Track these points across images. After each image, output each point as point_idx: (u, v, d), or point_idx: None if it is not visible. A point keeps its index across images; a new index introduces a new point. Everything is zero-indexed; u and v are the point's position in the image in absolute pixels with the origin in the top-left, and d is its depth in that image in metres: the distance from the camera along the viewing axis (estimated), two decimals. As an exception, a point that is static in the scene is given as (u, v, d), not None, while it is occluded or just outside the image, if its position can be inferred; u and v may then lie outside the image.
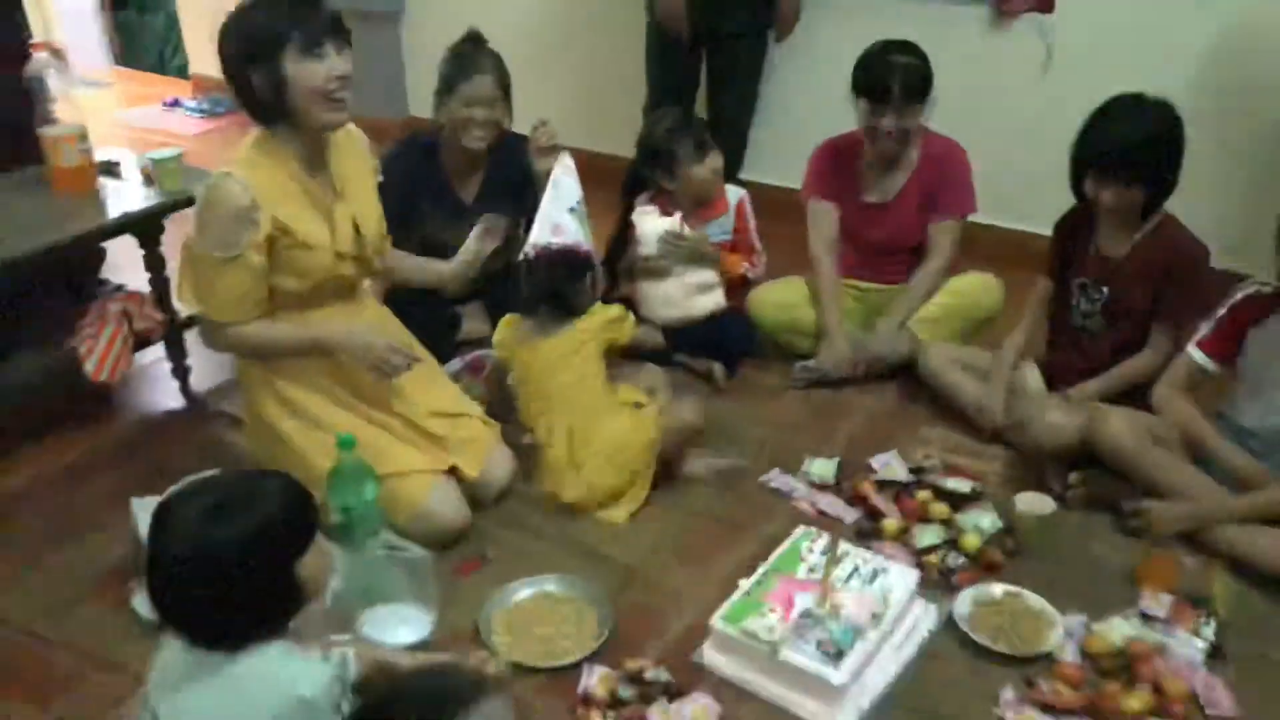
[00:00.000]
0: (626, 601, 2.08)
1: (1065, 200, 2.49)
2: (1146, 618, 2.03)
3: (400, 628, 1.97)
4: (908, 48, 2.69)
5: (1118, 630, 1.99)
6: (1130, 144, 2.28)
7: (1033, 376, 2.58)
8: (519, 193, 2.71)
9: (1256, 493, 2.17)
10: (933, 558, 2.17)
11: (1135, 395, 2.42)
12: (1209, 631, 2.00)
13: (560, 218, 2.40)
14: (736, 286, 2.92)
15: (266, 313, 2.11)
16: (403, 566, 2.00)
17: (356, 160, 2.25)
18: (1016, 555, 2.20)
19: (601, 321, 2.39)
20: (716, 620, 1.90)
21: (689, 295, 2.84)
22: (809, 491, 2.40)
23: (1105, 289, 2.47)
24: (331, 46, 1.99)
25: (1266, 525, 2.15)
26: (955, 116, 2.94)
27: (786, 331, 2.90)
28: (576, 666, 1.89)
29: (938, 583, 2.11)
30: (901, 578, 2.01)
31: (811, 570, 2.01)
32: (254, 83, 1.99)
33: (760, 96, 3.55)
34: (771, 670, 1.85)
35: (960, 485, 2.36)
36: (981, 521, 2.27)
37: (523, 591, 2.07)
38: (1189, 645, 1.97)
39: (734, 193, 2.92)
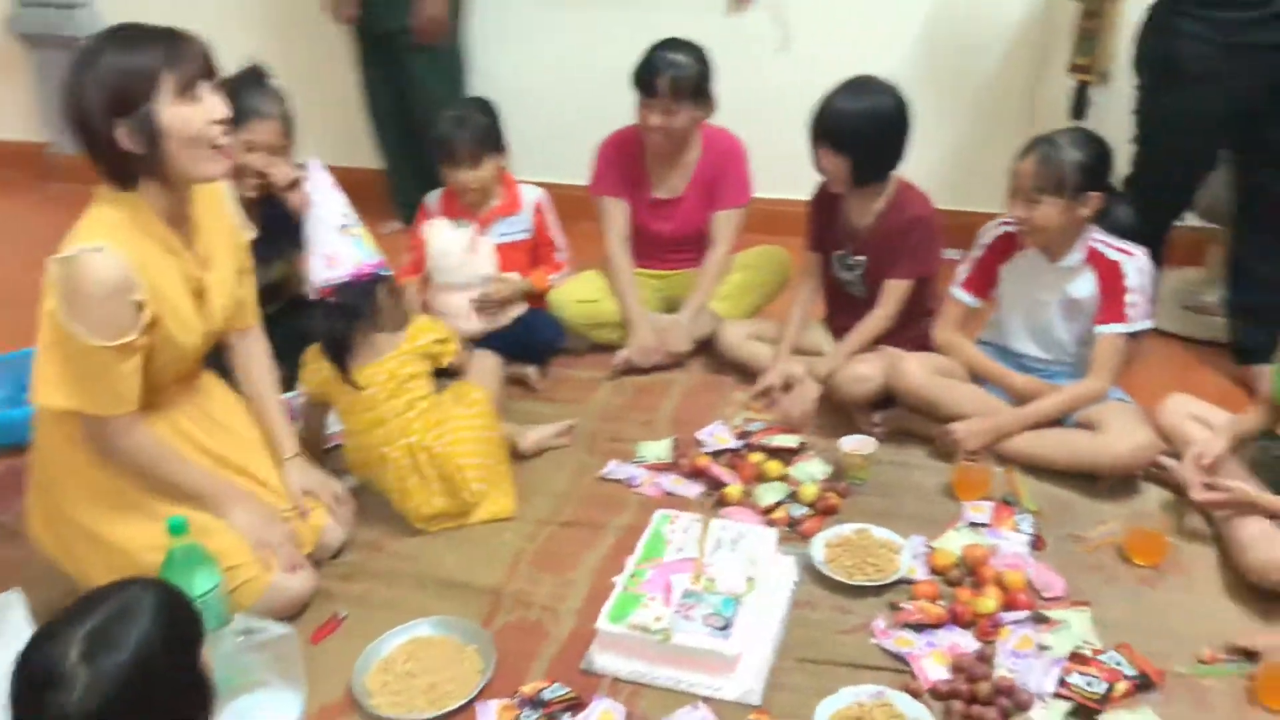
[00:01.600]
0: (500, 625, 2.05)
1: (807, 173, 2.66)
2: (974, 525, 2.24)
3: (268, 715, 1.84)
4: (684, 47, 2.78)
5: (953, 542, 2.18)
6: (841, 115, 2.48)
7: (822, 338, 2.79)
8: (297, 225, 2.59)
9: (1038, 401, 2.42)
10: (779, 513, 2.30)
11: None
12: (1026, 526, 2.23)
13: (331, 244, 2.23)
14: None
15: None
16: (264, 649, 1.86)
17: (218, 218, 2.04)
18: (849, 495, 2.36)
19: (425, 344, 2.34)
20: (603, 622, 1.93)
21: (490, 313, 2.84)
22: (649, 475, 2.46)
23: (860, 257, 2.67)
24: (207, 86, 1.80)
25: (1049, 428, 2.41)
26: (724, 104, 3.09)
27: (592, 326, 2.95)
28: (468, 707, 1.85)
29: (789, 535, 2.23)
30: (760, 538, 2.10)
31: (679, 550, 2.07)
32: (121, 138, 1.75)
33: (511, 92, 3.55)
34: (665, 657, 1.89)
35: (787, 440, 2.50)
36: (813, 470, 2.42)
37: (390, 643, 1.99)
38: (1014, 541, 2.19)
39: (530, 191, 2.93)
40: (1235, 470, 2.20)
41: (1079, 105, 3.07)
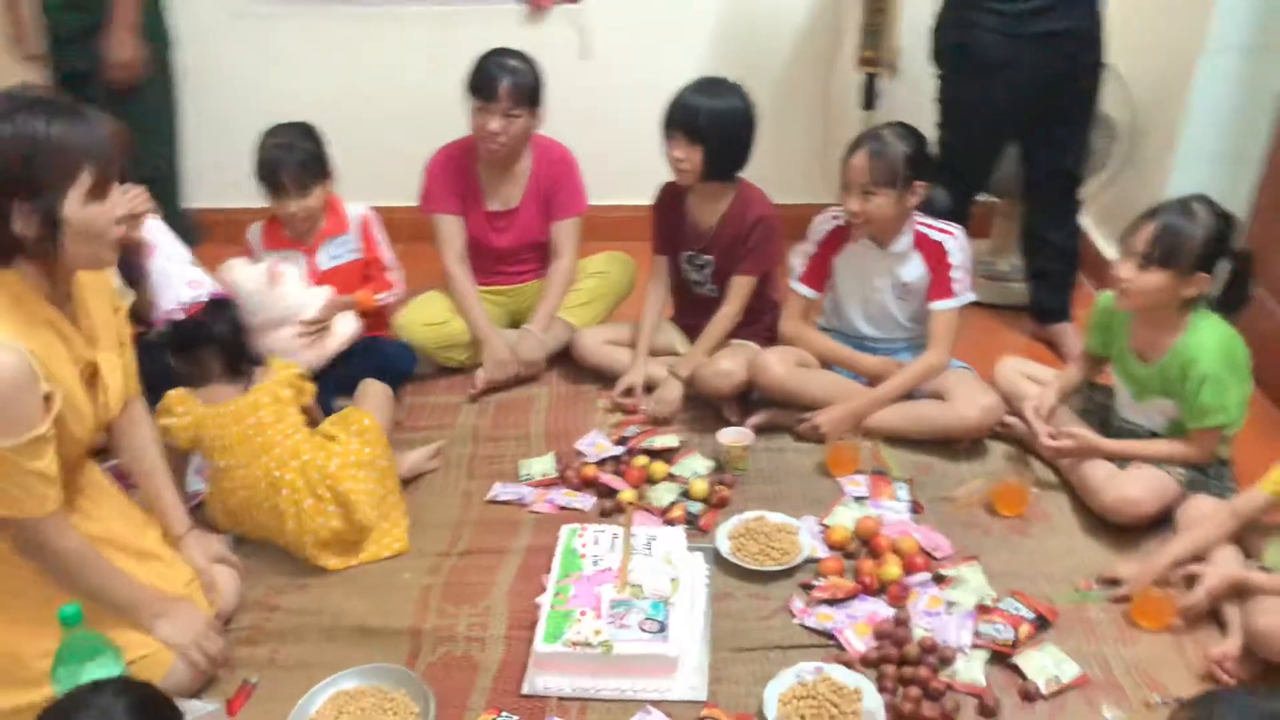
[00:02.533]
0: (425, 665, 2.00)
1: (627, 175, 2.72)
2: (857, 499, 2.38)
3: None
4: (516, 54, 2.77)
5: (844, 517, 2.32)
6: (699, 107, 2.56)
7: (674, 337, 2.88)
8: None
9: (887, 381, 2.59)
10: (676, 512, 2.35)
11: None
12: (903, 494, 2.40)
13: (190, 273, 2.23)
14: (377, 312, 2.84)
15: None
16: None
17: (98, 290, 1.86)
18: (735, 485, 2.45)
19: (291, 375, 2.27)
20: (539, 644, 1.92)
21: (311, 341, 2.71)
22: (538, 492, 2.46)
23: (708, 256, 2.76)
24: (116, 184, 1.64)
25: (902, 401, 2.60)
26: None
27: (442, 348, 2.89)
28: (418, 753, 1.81)
29: (690, 532, 2.29)
30: (670, 538, 2.15)
31: (596, 562, 2.08)
32: (14, 218, 1.56)
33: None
34: (608, 668, 1.91)
35: (667, 440, 2.56)
36: (696, 466, 2.50)
37: (316, 701, 1.90)
38: (895, 510, 2.35)
39: (355, 209, 2.83)
40: (1067, 419, 2.46)
41: (869, 96, 3.30)
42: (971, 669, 1.92)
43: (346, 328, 2.73)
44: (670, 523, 2.31)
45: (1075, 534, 2.29)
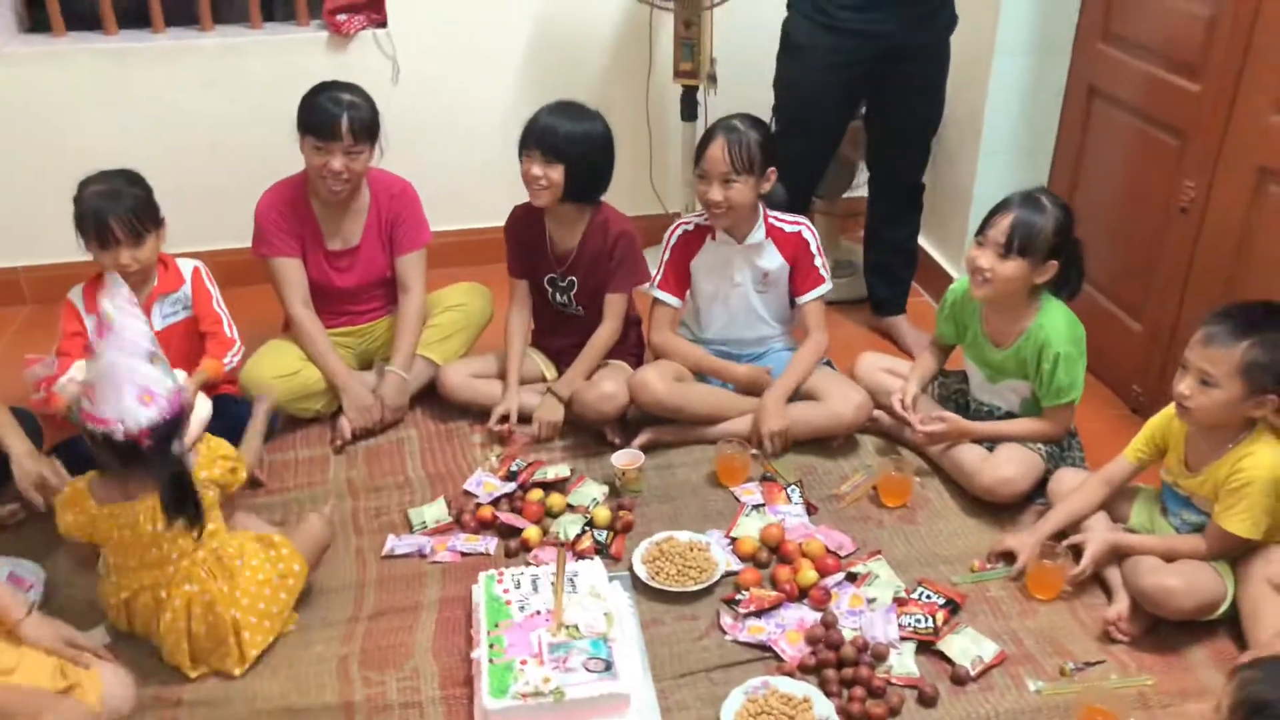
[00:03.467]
0: (364, 740, 1.90)
1: (444, 200, 2.65)
2: (755, 507, 2.44)
3: None
4: (350, 88, 2.63)
5: (747, 528, 2.37)
6: (559, 129, 2.54)
7: (538, 360, 2.84)
8: None
9: (784, 376, 2.66)
10: (584, 542, 2.32)
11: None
12: (795, 496, 2.48)
13: (142, 376, 1.84)
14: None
15: None
16: None
17: None
18: (634, 507, 2.45)
19: (218, 473, 2.04)
20: (489, 701, 1.85)
21: None
22: (436, 540, 2.36)
23: (571, 278, 2.75)
24: None
25: (789, 403, 2.67)
26: None
27: (297, 398, 2.71)
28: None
29: (603, 562, 2.27)
30: (590, 571, 2.13)
31: (522, 607, 2.03)
32: None
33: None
34: (560, 715, 1.87)
35: (559, 470, 2.53)
36: (591, 493, 2.48)
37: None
38: (792, 513, 2.42)
39: (186, 263, 2.61)
40: (929, 407, 2.62)
41: (688, 107, 3.37)
42: (905, 661, 2.02)
43: (201, 413, 2.30)
44: (580, 555, 2.29)
45: (959, 517, 2.45)
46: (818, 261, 2.69)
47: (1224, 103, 2.44)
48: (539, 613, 2.02)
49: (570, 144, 2.54)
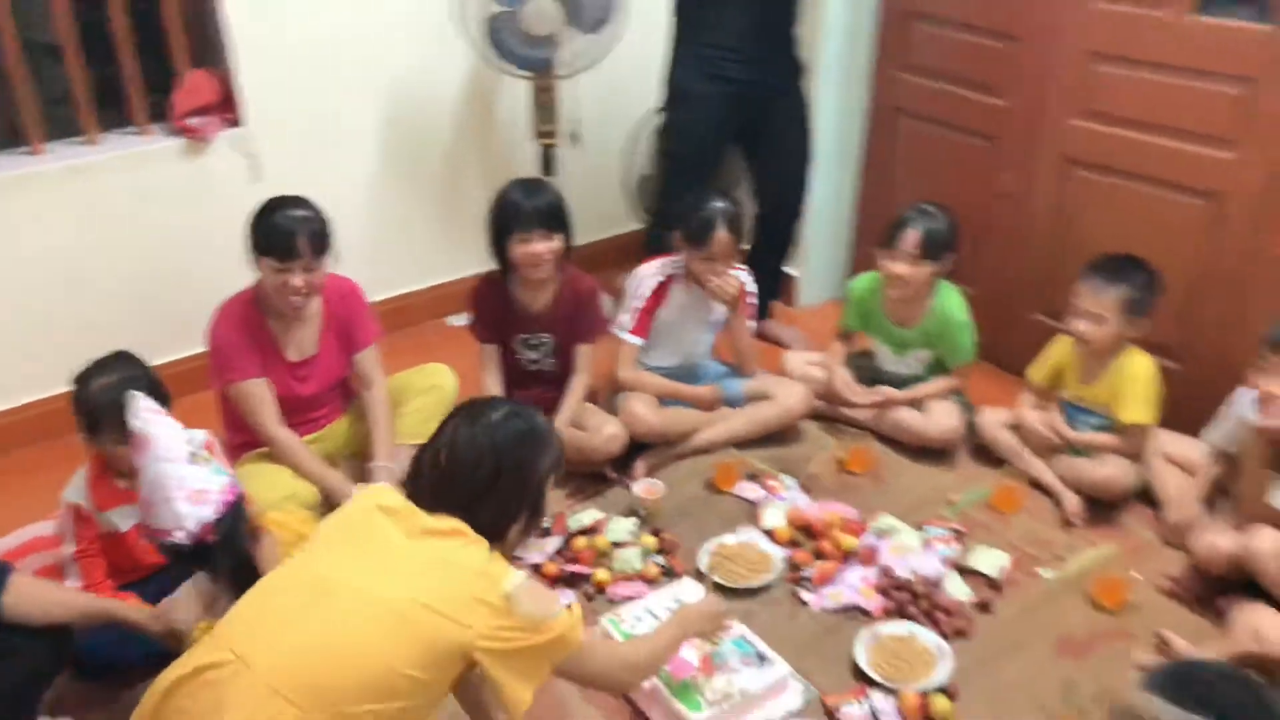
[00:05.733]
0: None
1: None
2: (753, 502, 2.83)
3: None
4: (298, 201, 2.64)
5: (774, 519, 2.74)
6: (550, 201, 2.79)
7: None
8: None
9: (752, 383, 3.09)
10: (652, 570, 2.59)
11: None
12: (791, 483, 2.90)
13: (190, 478, 1.91)
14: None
15: None
16: None
17: None
18: (663, 531, 2.74)
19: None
20: (694, 715, 2.10)
21: None
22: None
23: (546, 336, 2.97)
24: None
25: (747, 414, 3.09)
26: (205, 248, 3.22)
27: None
28: None
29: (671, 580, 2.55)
30: (686, 589, 2.41)
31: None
32: None
33: None
34: (742, 709, 2.16)
35: (591, 515, 2.75)
36: (626, 525, 2.73)
37: None
38: (797, 498, 2.84)
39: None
40: (856, 387, 3.13)
41: (547, 165, 3.65)
42: (956, 584, 2.52)
43: None
44: (649, 581, 2.56)
45: (912, 467, 3.00)
46: (752, 300, 3.10)
47: (1030, 111, 3.18)
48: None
49: (562, 213, 2.78)
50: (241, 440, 2.79)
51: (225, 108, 3.27)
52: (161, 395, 2.30)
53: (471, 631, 1.60)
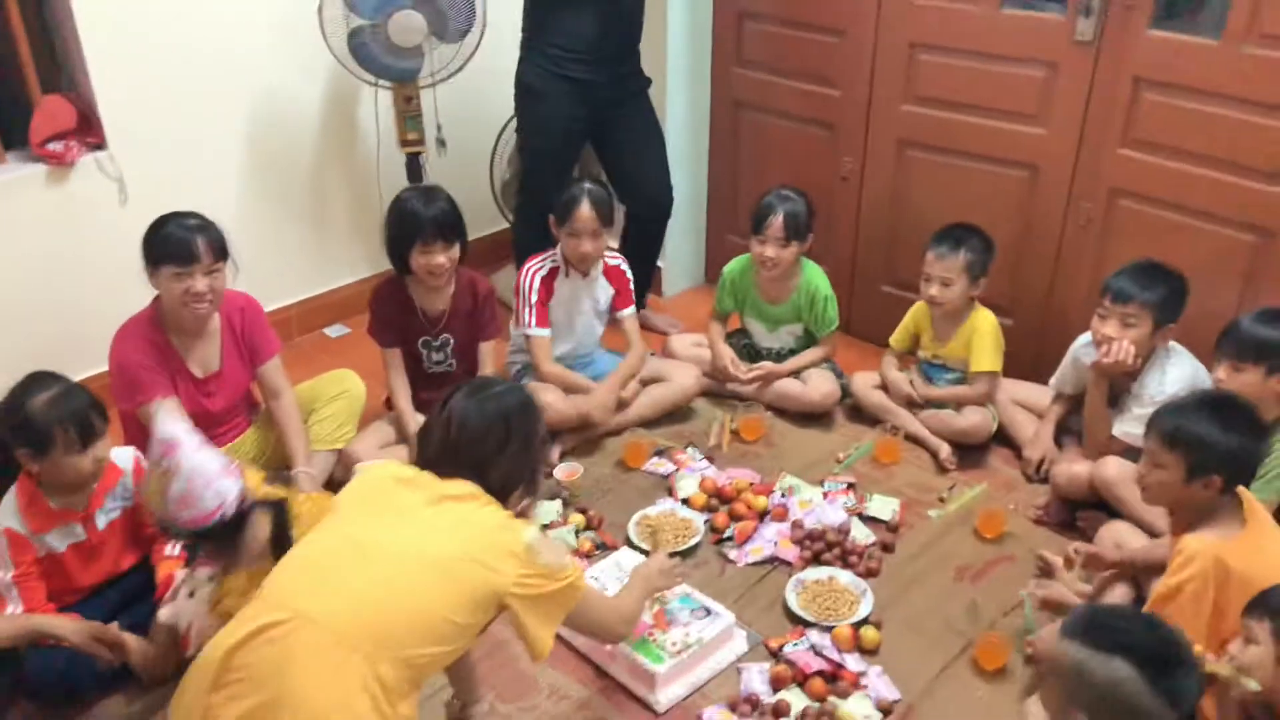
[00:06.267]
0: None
1: None
2: (665, 475, 3.04)
3: None
4: (193, 214, 2.65)
5: (688, 488, 2.96)
6: (442, 210, 2.88)
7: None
8: None
9: (605, 386, 3.22)
10: (585, 545, 2.76)
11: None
12: (694, 453, 3.12)
13: (212, 458, 2.07)
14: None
15: None
16: None
17: None
18: (588, 509, 2.90)
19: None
20: (658, 668, 2.29)
21: None
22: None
23: (446, 336, 3.07)
24: None
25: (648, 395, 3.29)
26: (78, 274, 3.22)
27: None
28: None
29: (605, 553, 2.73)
30: (625, 557, 2.63)
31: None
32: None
33: None
34: (700, 657, 2.38)
35: (520, 502, 2.87)
36: (553, 507, 2.88)
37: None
38: (704, 468, 3.06)
39: (123, 452, 2.48)
40: (741, 364, 3.37)
41: (413, 171, 3.71)
42: (860, 530, 2.80)
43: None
44: (586, 556, 2.72)
45: (797, 431, 3.28)
46: (631, 285, 3.30)
47: (862, 99, 3.50)
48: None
49: (459, 222, 2.88)
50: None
51: (85, 131, 3.18)
52: (98, 407, 2.33)
53: (504, 579, 1.77)
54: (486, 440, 1.88)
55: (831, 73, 3.57)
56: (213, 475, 2.03)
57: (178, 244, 2.60)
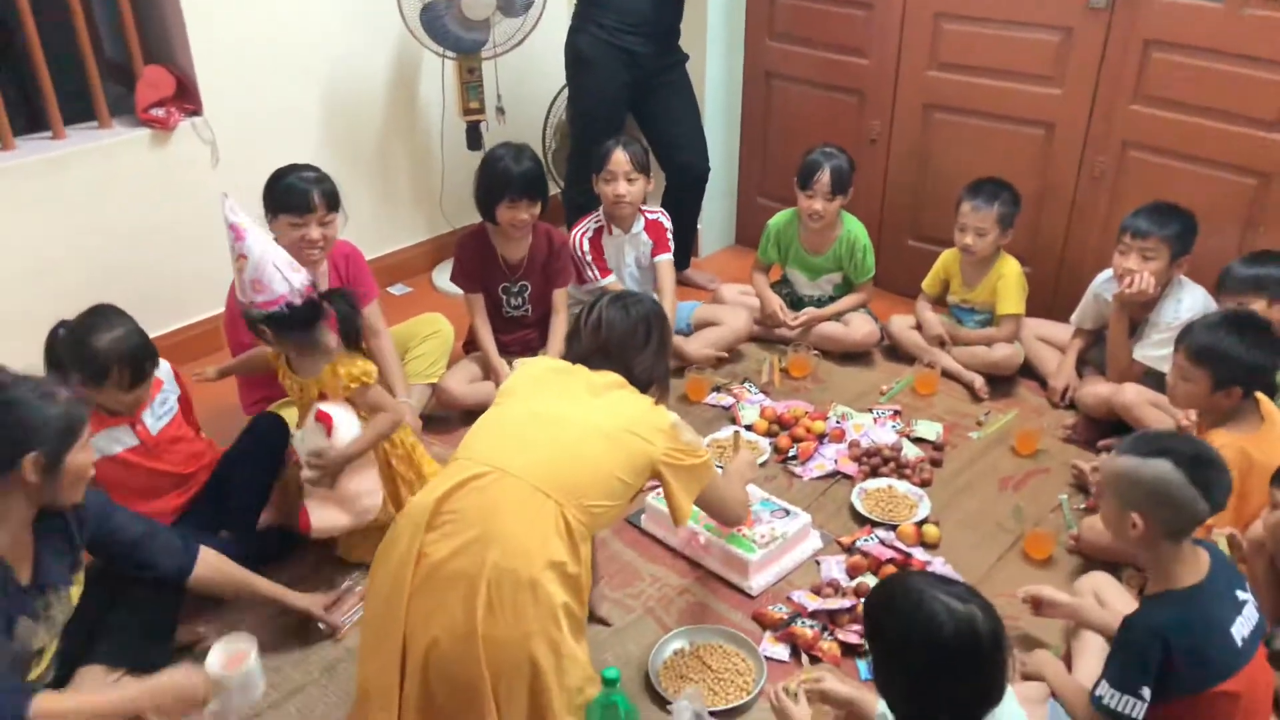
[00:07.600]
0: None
1: None
2: (727, 407, 3.33)
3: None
4: (309, 167, 2.92)
5: (750, 415, 3.25)
6: (533, 172, 3.16)
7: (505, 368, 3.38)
8: None
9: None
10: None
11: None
12: (750, 387, 3.41)
13: (279, 250, 2.44)
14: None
15: None
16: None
17: None
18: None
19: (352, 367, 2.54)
20: (750, 556, 2.58)
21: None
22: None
23: (524, 282, 3.34)
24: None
25: (705, 337, 3.56)
26: (172, 232, 3.45)
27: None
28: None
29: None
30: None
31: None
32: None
33: None
34: (785, 550, 2.68)
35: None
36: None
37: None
38: (761, 399, 3.35)
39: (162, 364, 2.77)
40: (788, 310, 3.67)
41: (473, 139, 3.98)
42: (910, 448, 3.11)
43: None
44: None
45: (841, 369, 3.59)
46: (669, 236, 3.60)
47: (890, 68, 3.82)
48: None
49: (544, 181, 3.18)
50: (258, 396, 3.00)
51: (185, 97, 3.42)
52: (150, 349, 2.47)
53: (656, 449, 2.07)
54: (633, 337, 2.18)
55: (861, 43, 3.88)
56: (280, 263, 2.35)
57: (297, 195, 2.85)
